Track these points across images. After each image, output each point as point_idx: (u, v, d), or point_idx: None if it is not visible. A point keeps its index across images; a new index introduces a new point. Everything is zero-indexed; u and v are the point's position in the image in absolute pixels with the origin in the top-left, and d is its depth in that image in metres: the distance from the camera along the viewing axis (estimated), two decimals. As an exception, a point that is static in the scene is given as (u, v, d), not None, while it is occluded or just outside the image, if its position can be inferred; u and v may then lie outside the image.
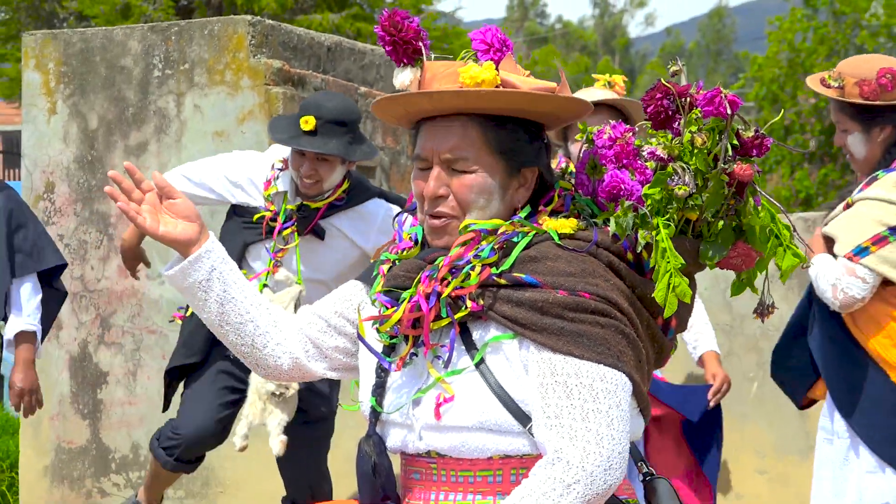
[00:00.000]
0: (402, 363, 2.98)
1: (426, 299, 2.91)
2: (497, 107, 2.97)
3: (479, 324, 2.93)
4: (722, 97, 2.95)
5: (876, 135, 5.04)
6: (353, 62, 7.90)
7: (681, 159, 2.98)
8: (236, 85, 7.11)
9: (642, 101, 3.07)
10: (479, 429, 2.88)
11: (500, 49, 2.99)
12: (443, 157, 2.98)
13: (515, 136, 3.00)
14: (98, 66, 7.48)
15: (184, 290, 3.13)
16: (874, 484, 4.97)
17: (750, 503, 6.18)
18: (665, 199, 2.97)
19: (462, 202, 2.97)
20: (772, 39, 28.65)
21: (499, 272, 2.90)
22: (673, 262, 2.88)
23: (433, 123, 3.02)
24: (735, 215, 3.02)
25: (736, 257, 3.04)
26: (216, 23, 7.27)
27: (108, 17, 21.75)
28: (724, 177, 2.95)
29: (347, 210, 5.66)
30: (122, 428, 7.37)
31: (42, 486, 7.59)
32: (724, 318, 6.24)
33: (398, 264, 3.06)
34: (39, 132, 7.64)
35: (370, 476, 3.02)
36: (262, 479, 6.47)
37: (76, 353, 7.52)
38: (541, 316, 2.84)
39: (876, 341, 4.92)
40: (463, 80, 2.92)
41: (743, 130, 3.00)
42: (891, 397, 4.91)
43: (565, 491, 2.73)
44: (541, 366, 2.84)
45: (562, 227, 2.95)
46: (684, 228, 3.01)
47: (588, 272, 2.89)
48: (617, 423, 2.80)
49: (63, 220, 7.54)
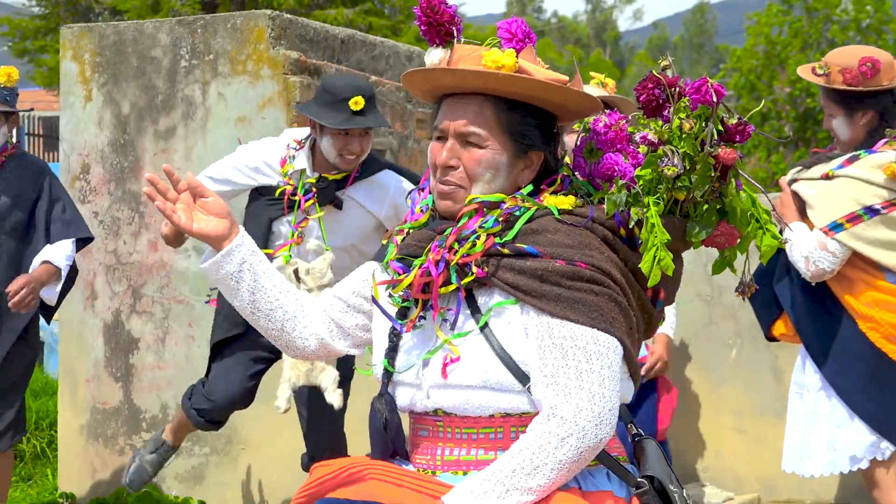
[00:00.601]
0: (412, 325, 3.00)
1: (435, 265, 2.94)
2: (512, 90, 3.00)
3: (483, 290, 2.95)
4: (709, 86, 2.99)
5: (858, 118, 5.05)
6: (365, 53, 7.90)
7: (670, 143, 3.00)
8: (257, 74, 7.11)
9: (635, 91, 3.10)
10: (483, 387, 2.90)
11: (522, 40, 3.03)
12: (458, 131, 3.01)
13: (526, 121, 3.03)
14: (130, 57, 7.48)
15: (218, 281, 3.17)
16: (843, 437, 4.99)
17: (728, 460, 6.19)
18: (655, 180, 3.00)
19: (470, 174, 3.00)
20: (750, 33, 28.67)
21: (502, 242, 2.93)
22: (660, 236, 2.91)
23: (454, 99, 3.06)
24: (719, 197, 3.04)
25: (720, 236, 3.06)
26: (238, 17, 7.26)
27: (139, 12, 21.81)
28: (711, 160, 2.98)
29: (362, 181, 5.66)
30: (152, 390, 7.38)
31: (78, 443, 7.60)
32: (705, 290, 6.25)
33: (410, 234, 3.09)
34: (76, 118, 7.64)
35: (382, 432, 3.04)
36: (281, 437, 6.49)
37: (110, 321, 7.53)
38: (541, 283, 2.87)
39: (849, 296, 4.95)
40: (485, 62, 2.95)
41: (727, 118, 3.02)
42: (859, 344, 4.93)
43: (559, 444, 2.76)
44: (540, 329, 2.87)
45: (561, 203, 2.99)
46: (672, 209, 3.04)
47: (585, 244, 2.92)
48: (608, 383, 2.82)
49: (97, 198, 7.54)
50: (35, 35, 24.87)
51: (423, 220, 3.13)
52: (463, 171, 3.01)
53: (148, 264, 7.39)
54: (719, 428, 5.89)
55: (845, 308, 4.97)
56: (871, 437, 4.93)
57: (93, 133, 7.57)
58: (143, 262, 7.41)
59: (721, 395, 5.74)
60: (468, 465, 2.93)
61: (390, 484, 2.88)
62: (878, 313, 4.92)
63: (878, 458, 4.94)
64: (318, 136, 5.55)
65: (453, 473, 2.94)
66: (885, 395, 4.92)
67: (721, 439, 6.09)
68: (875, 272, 4.96)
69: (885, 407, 4.91)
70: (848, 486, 5.94)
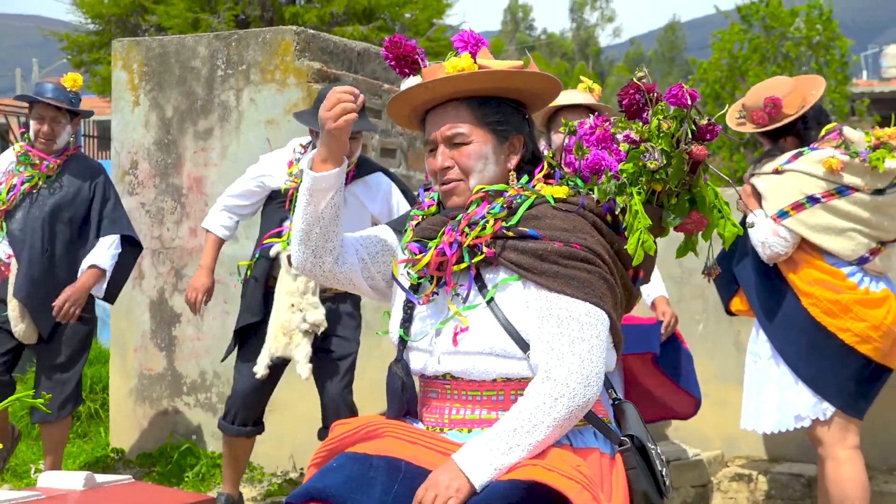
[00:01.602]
0: (427, 299, 3.01)
1: (449, 246, 2.96)
2: (478, 86, 3.03)
3: (490, 268, 2.97)
4: (684, 91, 3.02)
5: (783, 144, 5.11)
6: (378, 64, 7.89)
7: (650, 141, 3.02)
8: (284, 82, 7.10)
9: (618, 96, 3.13)
10: (488, 354, 2.91)
11: (475, 45, 3.06)
12: (444, 136, 3.04)
13: (499, 110, 3.06)
14: (173, 67, 7.47)
15: (321, 188, 3.00)
16: (789, 398, 5.00)
17: (696, 421, 6.18)
18: (637, 172, 3.03)
19: (464, 168, 3.02)
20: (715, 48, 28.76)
21: (507, 226, 2.95)
22: (643, 221, 2.95)
23: (433, 112, 3.08)
24: (689, 189, 3.06)
25: (690, 223, 3.10)
26: (268, 32, 7.26)
27: (181, 28, 21.88)
28: (685, 155, 3.01)
29: (357, 180, 5.68)
30: (192, 358, 7.38)
31: (127, 405, 7.60)
32: (675, 272, 6.24)
33: (425, 220, 3.10)
34: (125, 120, 7.63)
35: (399, 393, 3.05)
36: (304, 401, 6.47)
37: (155, 298, 7.53)
38: (541, 262, 2.90)
39: (793, 275, 4.97)
40: (447, 70, 2.98)
41: (699, 119, 3.05)
42: (801, 317, 4.97)
43: (554, 404, 2.79)
44: (539, 302, 2.89)
45: (556, 192, 3.02)
46: (650, 199, 3.06)
47: (578, 228, 2.95)
48: (596, 350, 2.85)
49: (144, 191, 7.53)
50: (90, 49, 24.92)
51: (434, 209, 3.14)
52: (457, 168, 3.03)
53: (188, 248, 7.39)
54: (688, 393, 5.88)
55: (791, 286, 5.00)
56: (814, 398, 4.95)
57: (140, 133, 7.57)
58: (184, 247, 7.41)
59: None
60: (473, 424, 2.94)
61: (404, 441, 2.89)
62: (818, 291, 4.94)
63: (819, 418, 4.94)
64: (315, 141, 5.60)
65: (459, 431, 2.95)
66: (824, 363, 4.94)
67: (690, 403, 6.09)
68: (816, 254, 4.99)
69: (824, 372, 4.94)
70: (798, 443, 5.94)
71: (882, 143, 4.95)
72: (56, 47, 26.66)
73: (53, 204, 6.08)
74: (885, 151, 4.92)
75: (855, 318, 4.92)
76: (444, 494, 2.67)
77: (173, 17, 22.62)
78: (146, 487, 5.33)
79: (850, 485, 4.91)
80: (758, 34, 28.62)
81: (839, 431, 4.95)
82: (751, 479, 5.84)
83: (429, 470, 2.78)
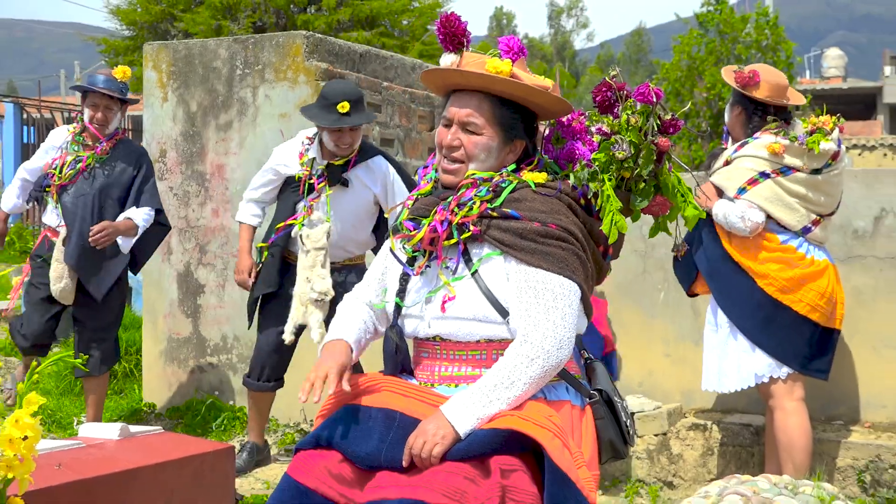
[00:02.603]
0: (420, 270, 3.01)
1: (441, 224, 2.97)
2: (506, 91, 3.02)
3: (476, 244, 2.97)
4: (650, 90, 3.03)
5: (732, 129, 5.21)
6: (378, 64, 7.86)
7: (620, 133, 3.02)
8: (295, 80, 7.07)
9: (592, 93, 3.16)
10: (473, 319, 2.92)
11: (517, 53, 3.05)
12: (461, 119, 3.03)
13: (514, 116, 3.04)
14: (197, 67, 7.43)
15: None
16: (748, 361, 4.99)
17: (658, 377, 6.18)
18: (608, 161, 3.05)
19: (469, 154, 3.02)
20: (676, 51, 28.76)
21: (492, 207, 2.96)
22: (615, 204, 2.97)
23: (460, 94, 3.07)
24: (654, 176, 3.07)
25: (655, 206, 3.11)
26: (281, 36, 7.23)
27: (205, 34, 21.91)
28: (652, 146, 3.00)
29: (360, 164, 5.71)
30: (215, 324, 7.37)
31: (158, 365, 7.60)
32: (639, 246, 6.22)
33: (419, 200, 3.11)
34: (155, 114, 7.60)
35: (393, 354, 3.07)
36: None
37: (182, 271, 7.50)
38: (521, 240, 2.90)
39: (748, 260, 4.96)
40: (488, 67, 2.98)
41: (663, 114, 3.05)
42: (757, 296, 4.96)
43: (530, 363, 2.80)
44: (519, 275, 2.89)
45: (536, 178, 3.03)
46: (619, 185, 3.07)
47: (555, 210, 2.96)
48: (568, 317, 2.86)
49: (172, 176, 7.51)
50: (125, 52, 24.92)
51: (428, 188, 3.14)
52: (463, 151, 3.03)
53: (211, 227, 7.37)
54: (651, 353, 5.88)
55: (745, 270, 4.99)
56: (771, 360, 4.94)
57: (168, 126, 7.54)
58: (208, 226, 7.38)
59: (652, 328, 5.73)
60: (459, 380, 2.95)
61: (399, 395, 2.91)
62: (773, 269, 4.93)
63: (774, 377, 4.95)
64: (321, 133, 5.66)
65: (447, 386, 2.97)
66: (782, 334, 4.94)
67: (652, 362, 6.09)
68: (770, 235, 4.96)
69: (783, 341, 4.94)
70: (748, 397, 5.93)
71: (817, 129, 4.98)
72: (95, 51, 26.66)
73: (104, 183, 6.11)
74: (820, 135, 4.95)
75: (806, 290, 4.93)
76: (432, 441, 2.69)
77: (199, 24, 22.74)
78: (174, 437, 5.33)
79: (796, 432, 4.93)
80: (713, 38, 28.66)
81: (788, 386, 4.96)
82: (705, 428, 5.83)
83: (420, 420, 2.79)
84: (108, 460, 4.70)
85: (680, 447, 5.88)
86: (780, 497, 3.83)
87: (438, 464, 2.67)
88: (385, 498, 2.64)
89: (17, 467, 2.80)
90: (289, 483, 2.78)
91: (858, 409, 5.71)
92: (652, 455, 5.88)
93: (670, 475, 5.86)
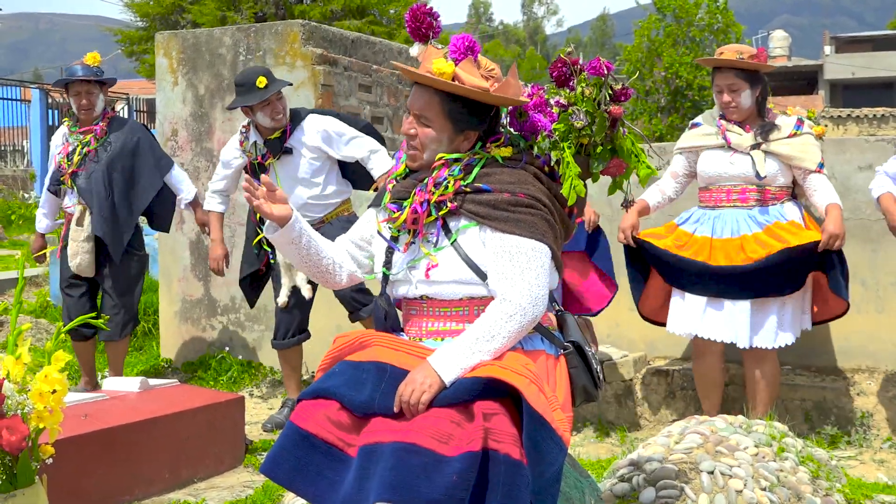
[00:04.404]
0: (406, 248, 2.99)
1: (420, 205, 2.94)
2: (449, 90, 2.94)
3: (454, 218, 2.94)
4: (601, 63, 3.04)
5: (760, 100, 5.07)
6: (368, 49, 7.82)
7: (576, 105, 3.01)
8: (293, 65, 7.03)
9: (549, 69, 3.11)
10: (454, 282, 2.92)
11: (464, 52, 2.96)
12: (415, 112, 3.00)
13: (461, 110, 2.96)
14: (204, 54, 7.37)
15: (283, 244, 3.08)
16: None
17: (624, 328, 6.19)
18: (567, 130, 3.04)
19: (421, 143, 2.99)
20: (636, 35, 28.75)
21: (466, 183, 2.93)
22: (574, 170, 2.97)
23: (417, 87, 3.02)
24: (610, 141, 3.05)
25: (612, 167, 3.11)
26: (279, 25, 7.18)
27: (211, 23, 21.95)
28: (605, 115, 3.00)
29: (295, 132, 5.71)
30: (224, 287, 7.35)
31: (174, 324, 7.58)
32: (606, 211, 6.18)
33: (399, 182, 3.07)
34: (167, 97, 7.55)
35: (382, 321, 3.06)
36: (315, 317, 6.44)
37: (194, 239, 7.48)
38: (494, 210, 2.88)
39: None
40: (433, 67, 2.91)
41: (614, 85, 3.04)
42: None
43: (508, 319, 2.80)
44: (493, 241, 2.88)
45: (503, 152, 2.99)
46: (578, 151, 3.05)
47: (522, 180, 2.93)
48: (541, 276, 2.85)
49: (183, 153, 7.47)
50: (139, 41, 24.90)
51: (402, 170, 3.10)
52: (418, 140, 2.99)
53: (220, 199, 7.33)
54: (618, 307, 5.87)
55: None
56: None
57: (179, 108, 7.49)
58: (217, 198, 7.35)
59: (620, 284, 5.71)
60: (444, 334, 2.95)
61: (390, 349, 2.91)
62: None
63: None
64: (253, 115, 5.67)
65: (434, 340, 2.96)
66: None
67: (619, 315, 6.08)
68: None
69: None
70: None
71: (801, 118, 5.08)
72: (112, 41, 26.52)
73: (108, 159, 6.12)
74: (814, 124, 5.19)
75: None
76: (420, 389, 2.69)
77: (205, 15, 22.87)
78: (189, 388, 5.33)
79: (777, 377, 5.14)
80: (670, 23, 28.69)
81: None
82: (668, 374, 5.85)
83: (409, 370, 2.79)
84: (130, 410, 4.70)
85: (645, 391, 5.90)
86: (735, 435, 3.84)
87: (426, 410, 2.67)
88: (380, 441, 2.64)
89: (47, 418, 2.83)
90: (292, 429, 2.78)
91: (806, 355, 5.72)
92: (620, 399, 5.90)
93: (637, 417, 5.88)
